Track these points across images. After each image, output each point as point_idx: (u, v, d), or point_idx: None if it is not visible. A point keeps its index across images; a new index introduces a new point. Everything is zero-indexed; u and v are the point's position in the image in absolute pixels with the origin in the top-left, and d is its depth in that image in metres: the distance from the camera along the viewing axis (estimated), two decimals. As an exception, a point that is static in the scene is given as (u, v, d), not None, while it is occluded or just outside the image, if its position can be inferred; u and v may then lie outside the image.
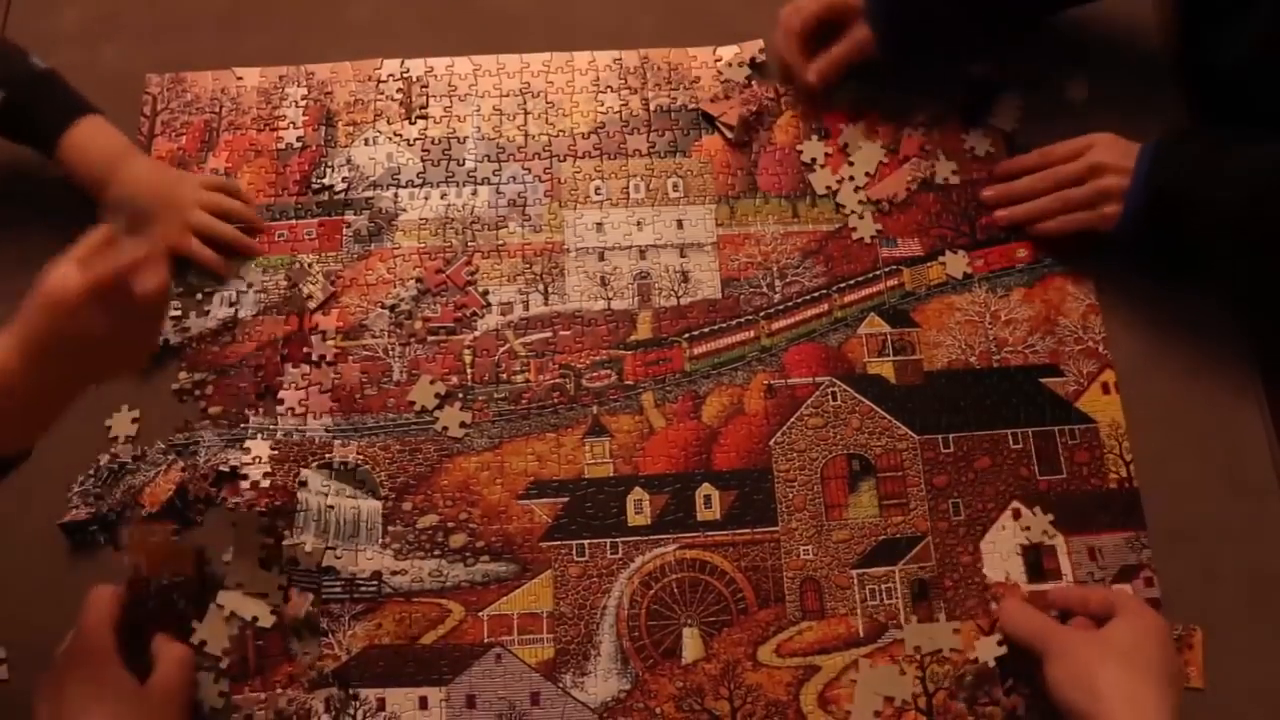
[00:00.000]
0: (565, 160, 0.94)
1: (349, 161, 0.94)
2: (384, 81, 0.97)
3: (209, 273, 0.89)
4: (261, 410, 0.85)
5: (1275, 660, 0.78)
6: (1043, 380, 0.87)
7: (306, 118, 0.95)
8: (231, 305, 0.89)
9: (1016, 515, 0.82)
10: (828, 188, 0.93)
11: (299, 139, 0.94)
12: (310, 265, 0.90)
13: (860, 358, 0.88)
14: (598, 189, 0.93)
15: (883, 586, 0.81)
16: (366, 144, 0.95)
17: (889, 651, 0.79)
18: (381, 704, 0.77)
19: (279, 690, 0.77)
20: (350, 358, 0.87)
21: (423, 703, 0.77)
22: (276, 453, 0.84)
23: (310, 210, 0.92)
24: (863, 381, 0.87)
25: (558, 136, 0.95)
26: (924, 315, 0.89)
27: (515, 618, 0.79)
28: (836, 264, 0.91)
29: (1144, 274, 0.90)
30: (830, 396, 0.86)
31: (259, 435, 0.84)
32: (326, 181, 0.93)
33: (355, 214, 0.92)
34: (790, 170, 0.94)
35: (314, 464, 0.84)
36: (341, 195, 0.93)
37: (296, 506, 0.82)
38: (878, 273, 0.90)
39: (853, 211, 0.92)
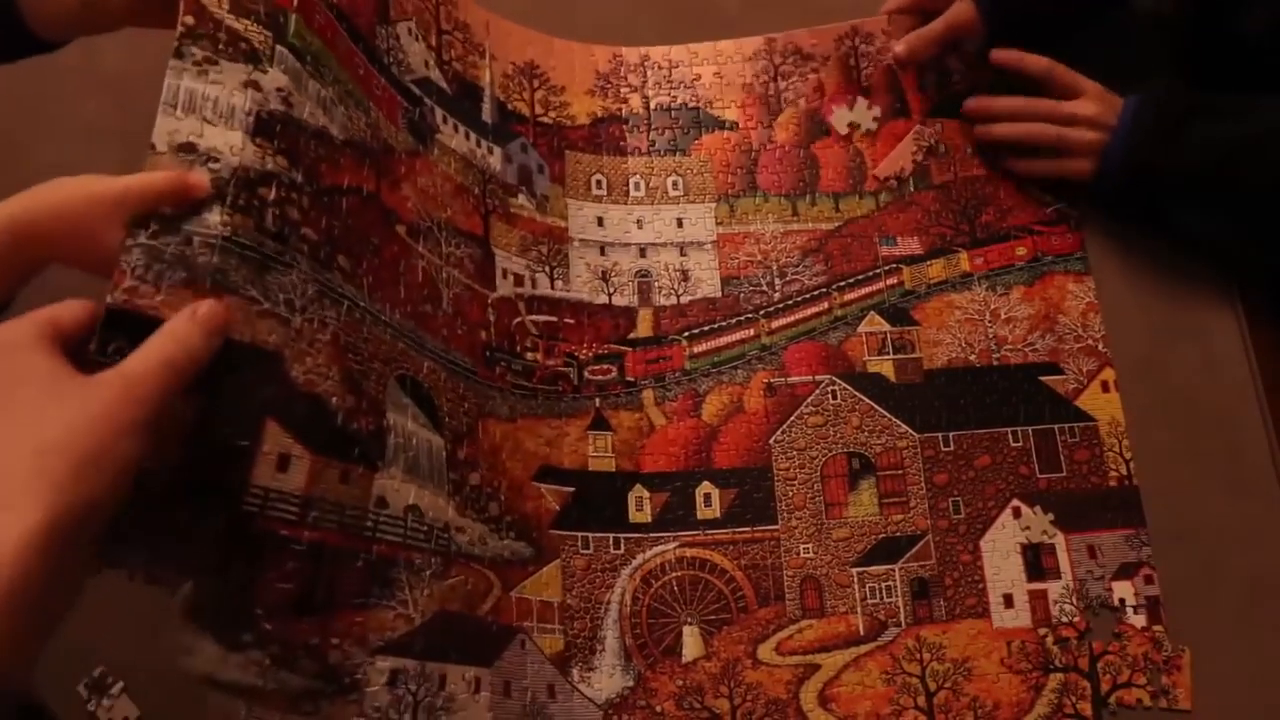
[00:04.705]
0: (566, 152, 0.94)
1: (398, 40, 0.81)
2: None
3: None
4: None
5: (1275, 659, 0.78)
6: (1042, 378, 0.87)
7: None
8: None
9: (1017, 513, 0.83)
10: (849, 125, 0.95)
11: None
12: None
13: (860, 356, 0.88)
14: (598, 182, 0.93)
15: (883, 585, 0.81)
16: (409, 34, 0.83)
17: (889, 650, 0.79)
18: (442, 681, 0.68)
19: (335, 641, 0.60)
20: (413, 259, 0.74)
21: (476, 685, 0.70)
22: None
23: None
24: (863, 380, 0.87)
25: (557, 123, 0.94)
26: (924, 313, 0.89)
27: (535, 604, 0.79)
28: (836, 262, 0.91)
29: (1144, 271, 0.90)
30: (830, 395, 0.86)
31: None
32: (384, 46, 0.78)
33: (408, 102, 0.80)
34: (790, 169, 0.94)
35: (394, 372, 0.68)
36: (394, 69, 0.79)
37: (385, 426, 0.66)
38: (877, 271, 0.90)
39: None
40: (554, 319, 0.87)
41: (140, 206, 0.55)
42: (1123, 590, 0.80)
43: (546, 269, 0.88)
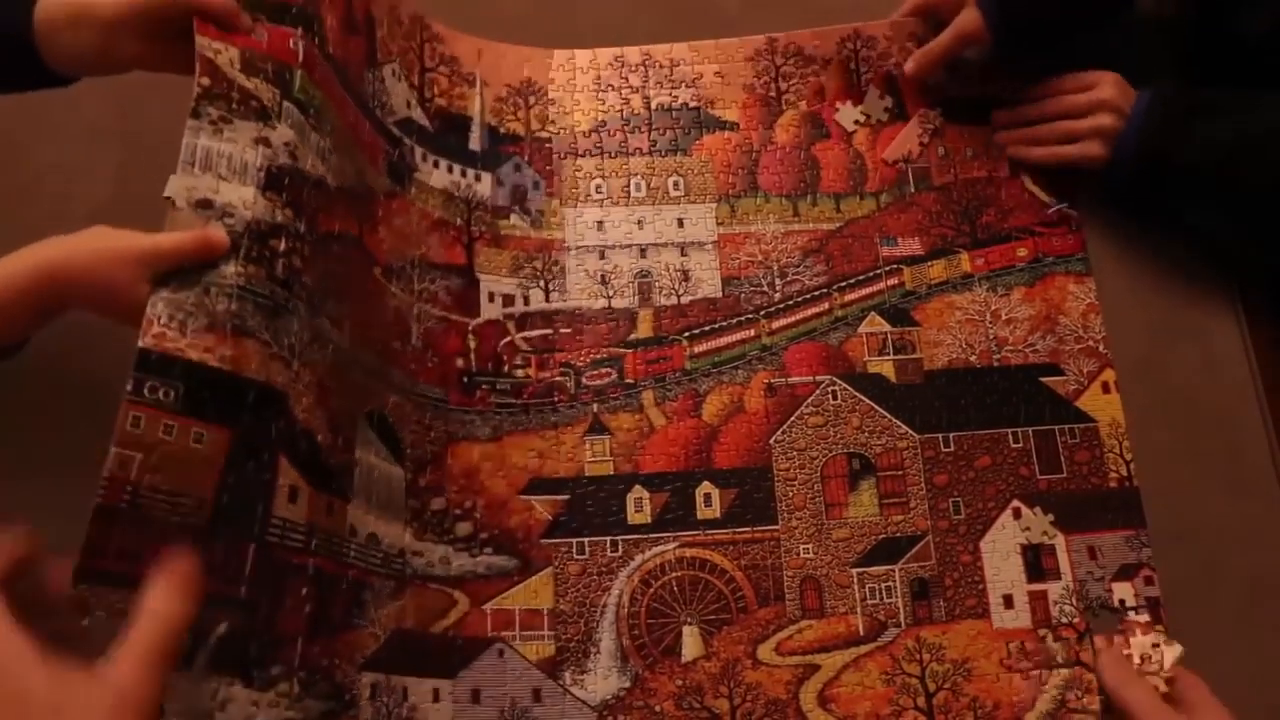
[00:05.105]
0: (565, 159, 0.94)
1: (383, 83, 0.86)
2: (402, 23, 0.89)
3: None
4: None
5: (1275, 659, 0.78)
6: (1043, 379, 0.87)
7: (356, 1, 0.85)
8: None
9: (1017, 514, 0.83)
10: (855, 121, 0.95)
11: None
12: None
13: (861, 356, 0.88)
14: (598, 187, 0.93)
15: (883, 585, 0.81)
16: (393, 75, 0.88)
17: (889, 650, 0.79)
18: (405, 693, 0.74)
19: (337, 661, 0.67)
20: (384, 299, 0.81)
21: (435, 695, 0.75)
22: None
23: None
24: (863, 380, 0.87)
25: (558, 134, 0.95)
26: (924, 314, 0.89)
27: (517, 613, 0.79)
28: (837, 263, 0.91)
29: (1144, 272, 0.90)
30: (830, 395, 0.86)
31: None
32: (370, 91, 0.84)
33: (388, 144, 0.85)
34: (791, 169, 0.94)
35: (363, 409, 0.74)
36: (378, 113, 0.85)
37: (354, 461, 0.72)
38: (878, 271, 0.90)
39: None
40: (549, 331, 0.87)
41: (169, 265, 0.60)
42: (1123, 591, 0.80)
43: (541, 283, 0.89)
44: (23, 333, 0.65)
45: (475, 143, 0.92)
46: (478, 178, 0.91)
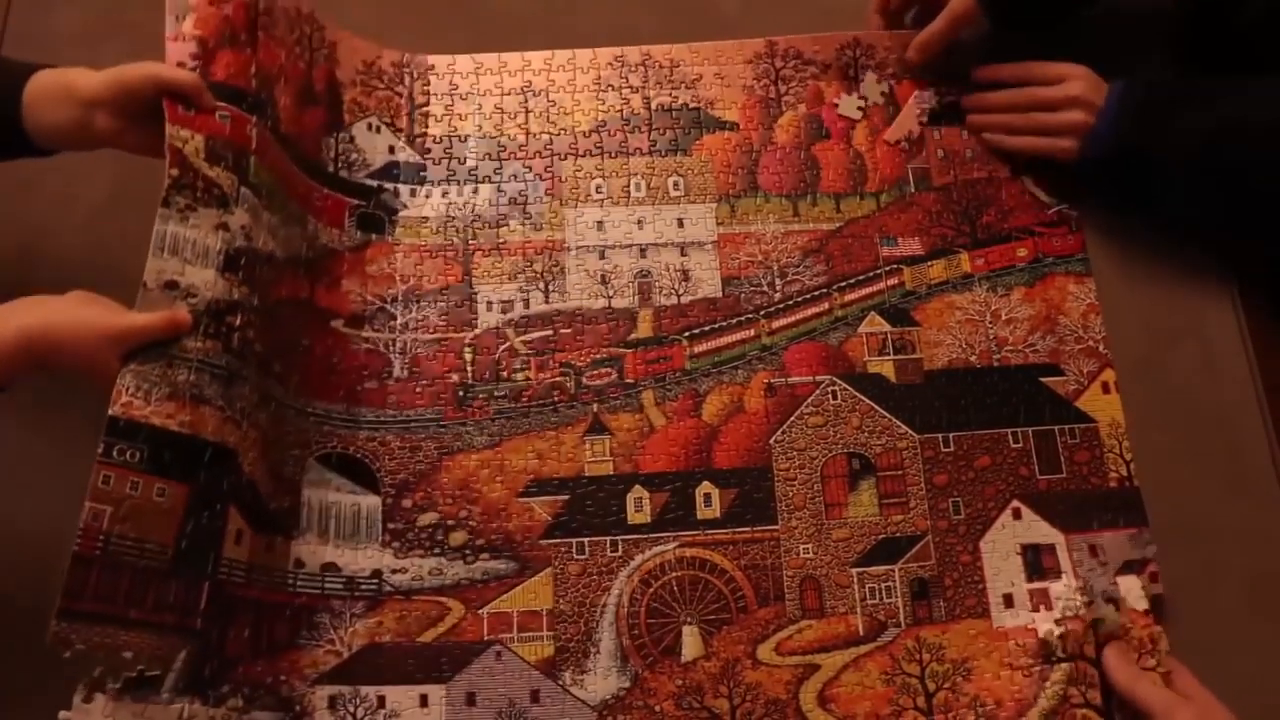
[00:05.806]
0: (566, 159, 0.94)
1: (352, 141, 0.92)
2: (385, 72, 0.95)
3: None
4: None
5: (1275, 659, 0.78)
6: (1043, 379, 0.87)
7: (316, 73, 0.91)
8: None
9: (1017, 514, 0.83)
10: (858, 108, 0.96)
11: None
12: None
13: (860, 356, 0.88)
14: (599, 187, 0.93)
15: (882, 585, 0.81)
16: (370, 129, 0.93)
17: (889, 650, 0.79)
18: (381, 701, 0.76)
19: (282, 678, 0.75)
20: (351, 346, 0.86)
21: (423, 700, 0.76)
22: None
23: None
24: (863, 380, 0.87)
25: (559, 135, 0.95)
26: (924, 314, 0.89)
27: (515, 615, 0.80)
28: (837, 263, 0.91)
29: (1144, 272, 0.90)
30: (830, 395, 0.86)
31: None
32: (330, 155, 0.90)
33: (358, 199, 0.90)
34: (791, 169, 0.94)
35: (315, 453, 0.82)
36: (344, 172, 0.90)
37: (300, 502, 0.80)
38: (878, 271, 0.90)
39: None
40: (549, 332, 0.88)
41: (140, 342, 0.68)
42: (1128, 584, 0.80)
43: (541, 284, 0.89)
44: (6, 382, 0.69)
45: (474, 158, 0.93)
46: (475, 191, 0.92)
